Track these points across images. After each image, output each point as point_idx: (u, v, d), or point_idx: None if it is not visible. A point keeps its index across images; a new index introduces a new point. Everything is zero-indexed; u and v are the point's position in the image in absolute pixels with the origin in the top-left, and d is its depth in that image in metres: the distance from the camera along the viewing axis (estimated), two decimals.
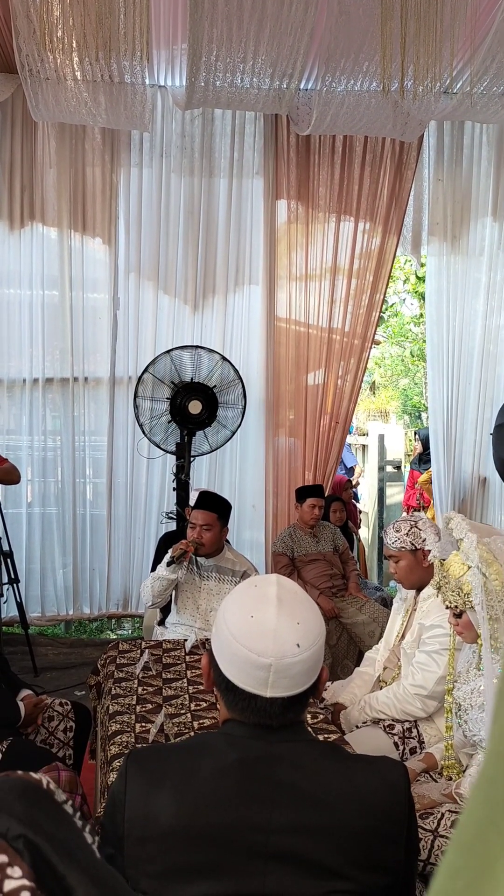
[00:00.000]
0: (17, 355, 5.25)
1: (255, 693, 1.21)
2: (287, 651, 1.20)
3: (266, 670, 1.19)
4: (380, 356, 13.92)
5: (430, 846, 2.03)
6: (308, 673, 1.23)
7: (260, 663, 1.20)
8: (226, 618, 1.26)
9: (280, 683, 1.20)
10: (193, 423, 4.65)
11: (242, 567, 3.56)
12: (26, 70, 4.19)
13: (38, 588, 5.34)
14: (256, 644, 1.20)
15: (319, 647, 1.24)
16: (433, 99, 4.38)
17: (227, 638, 1.23)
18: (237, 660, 1.22)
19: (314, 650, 1.23)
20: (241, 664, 1.21)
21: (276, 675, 1.20)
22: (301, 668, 1.21)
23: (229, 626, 1.24)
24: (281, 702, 1.21)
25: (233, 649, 1.22)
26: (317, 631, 1.25)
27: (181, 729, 2.31)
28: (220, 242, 5.30)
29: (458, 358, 5.57)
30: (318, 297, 5.41)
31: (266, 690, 1.20)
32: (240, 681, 1.22)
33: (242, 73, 4.32)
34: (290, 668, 1.20)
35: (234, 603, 1.27)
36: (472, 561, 1.99)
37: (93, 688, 3.07)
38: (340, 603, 4.52)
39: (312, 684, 1.25)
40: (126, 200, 5.22)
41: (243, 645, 1.21)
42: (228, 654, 1.23)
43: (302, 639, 1.21)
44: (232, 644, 1.22)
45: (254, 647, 1.20)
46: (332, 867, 1.19)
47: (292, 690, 1.22)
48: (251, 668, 1.20)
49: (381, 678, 2.90)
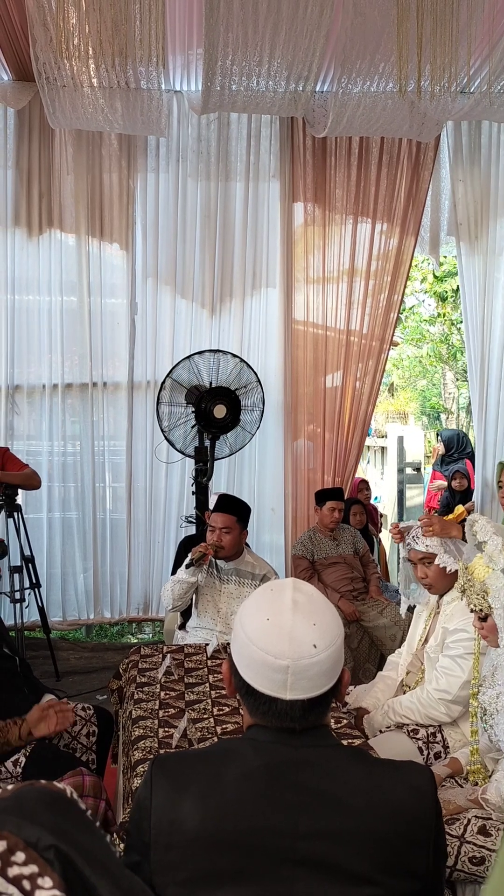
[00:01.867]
0: (36, 361, 5.28)
1: (274, 696, 1.21)
2: (304, 652, 1.20)
3: (284, 672, 1.19)
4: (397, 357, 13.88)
5: (456, 852, 2.01)
6: (327, 674, 1.22)
7: (277, 665, 1.19)
8: (243, 622, 1.26)
9: (299, 685, 1.20)
10: (217, 427, 4.64)
11: (262, 570, 3.55)
12: (43, 78, 4.22)
13: (59, 592, 5.37)
14: (273, 646, 1.20)
15: (337, 647, 1.24)
16: (450, 99, 4.36)
17: (244, 641, 1.23)
18: (254, 663, 1.22)
19: (331, 651, 1.22)
20: (259, 667, 1.21)
21: (294, 677, 1.19)
22: (319, 669, 1.21)
23: (246, 629, 1.24)
24: (301, 704, 1.21)
25: (250, 652, 1.22)
26: (334, 632, 1.24)
27: (204, 734, 2.30)
28: (237, 246, 5.31)
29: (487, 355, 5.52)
30: (335, 300, 5.40)
31: (286, 693, 1.20)
32: (259, 684, 1.22)
33: (258, 76, 4.32)
34: (307, 670, 1.20)
35: (250, 607, 1.28)
36: (496, 564, 1.97)
37: (115, 692, 3.08)
38: (361, 606, 4.50)
39: (333, 686, 1.25)
40: (143, 205, 5.25)
41: (260, 648, 1.21)
42: (246, 658, 1.23)
43: (318, 640, 1.21)
44: (249, 647, 1.22)
45: (270, 650, 1.20)
46: (359, 873, 1.18)
47: (312, 692, 1.21)
48: (269, 671, 1.20)
49: (404, 682, 2.88)
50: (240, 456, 5.28)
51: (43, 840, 0.51)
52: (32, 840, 0.51)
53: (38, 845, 0.51)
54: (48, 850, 0.51)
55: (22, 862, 0.49)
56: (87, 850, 0.52)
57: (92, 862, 0.52)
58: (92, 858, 0.52)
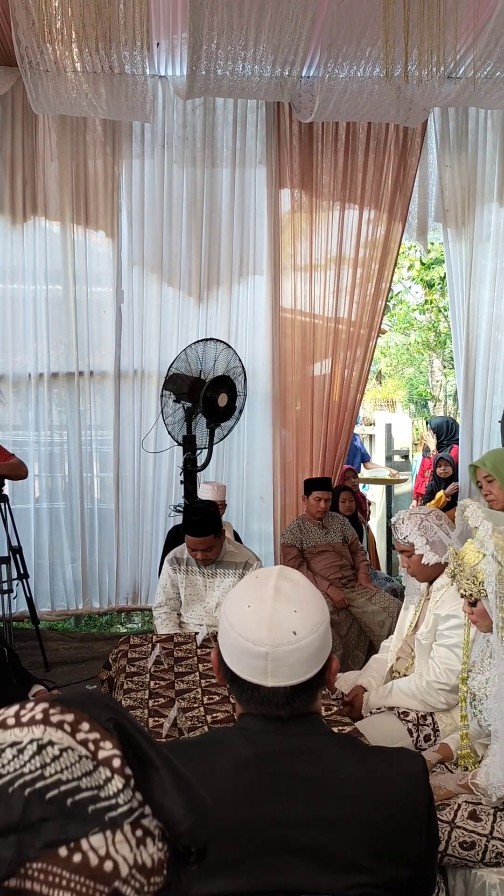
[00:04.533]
0: (21, 350, 5.24)
1: (256, 683, 1.20)
2: (283, 639, 1.18)
3: (263, 659, 1.18)
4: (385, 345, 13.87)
5: (447, 837, 2.01)
6: (309, 661, 1.21)
7: (256, 652, 1.19)
8: (226, 610, 1.26)
9: (280, 672, 1.19)
10: (219, 415, 4.61)
11: (243, 558, 3.56)
12: (26, 62, 4.16)
13: (47, 583, 5.34)
14: (252, 633, 1.19)
15: (320, 634, 1.23)
16: (436, 84, 4.34)
17: (227, 628, 1.23)
18: (236, 650, 1.21)
19: (313, 638, 1.21)
20: (240, 654, 1.21)
21: (274, 664, 1.18)
22: (299, 656, 1.19)
23: (228, 616, 1.24)
24: (284, 691, 1.20)
25: (231, 639, 1.22)
26: (316, 619, 1.23)
27: (194, 723, 2.30)
28: (224, 233, 5.27)
29: (473, 343, 5.52)
30: (323, 287, 5.38)
31: (267, 680, 1.19)
32: (241, 671, 1.21)
33: (244, 60, 4.28)
34: (287, 657, 1.19)
35: (234, 595, 1.27)
36: (487, 549, 1.97)
37: (104, 682, 3.07)
38: (350, 594, 4.51)
39: (318, 673, 1.23)
40: (128, 192, 5.20)
41: (240, 634, 1.20)
42: (228, 645, 1.23)
43: (299, 626, 1.20)
44: (230, 634, 1.22)
45: (249, 636, 1.19)
46: (352, 860, 1.17)
47: (294, 679, 1.20)
48: (249, 658, 1.20)
49: (394, 668, 2.89)
50: (228, 445, 5.27)
51: (103, 714, 0.59)
52: (94, 715, 0.59)
53: (100, 718, 0.59)
54: (108, 721, 0.59)
55: (87, 730, 0.57)
56: (139, 730, 0.60)
57: (144, 737, 0.60)
58: (143, 734, 0.60)
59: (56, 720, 0.58)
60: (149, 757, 0.59)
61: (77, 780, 0.55)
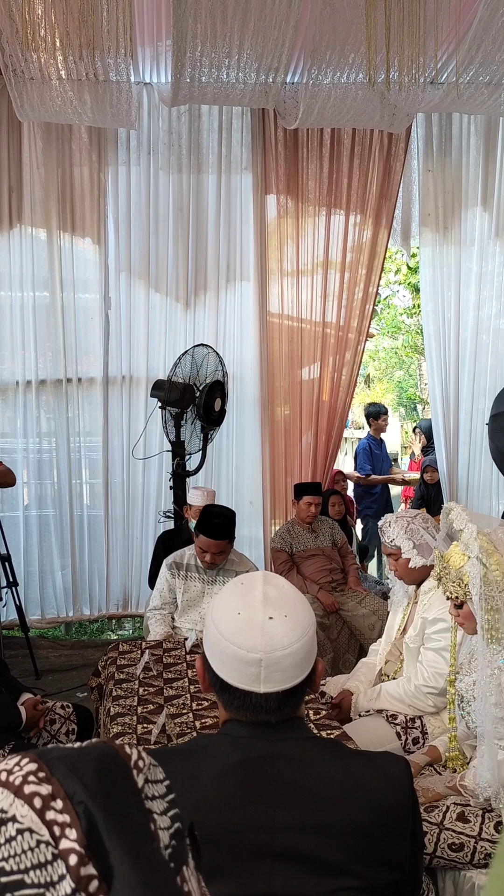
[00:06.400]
0: (9, 357, 5.23)
1: (249, 690, 1.20)
2: (276, 645, 1.19)
3: (257, 666, 1.18)
4: (374, 349, 13.92)
5: (435, 839, 2.02)
6: (300, 665, 1.22)
7: (250, 659, 1.19)
8: (214, 617, 1.25)
9: (273, 678, 1.19)
10: (214, 420, 4.61)
11: (245, 567, 3.56)
12: (10, 70, 4.17)
13: (37, 590, 5.33)
14: (245, 640, 1.19)
15: (309, 638, 1.24)
16: (419, 90, 4.36)
17: (216, 636, 1.23)
18: (227, 658, 1.21)
19: (304, 642, 1.22)
20: (232, 662, 1.20)
21: (267, 670, 1.19)
22: (292, 660, 1.20)
23: (217, 624, 1.23)
24: (276, 696, 1.20)
25: (222, 647, 1.21)
26: (305, 623, 1.23)
27: (183, 729, 2.30)
28: (211, 239, 5.28)
29: (454, 348, 5.55)
30: (310, 292, 5.40)
31: (259, 686, 1.19)
32: (233, 679, 1.21)
33: (228, 67, 4.29)
34: (280, 662, 1.19)
35: (221, 601, 1.27)
36: (472, 551, 1.98)
37: (94, 689, 3.06)
38: (340, 597, 4.52)
39: (307, 677, 1.24)
40: (115, 199, 5.20)
41: (232, 642, 1.20)
42: (219, 653, 1.22)
43: (290, 631, 1.20)
44: (221, 642, 1.21)
45: (242, 644, 1.19)
46: (337, 864, 1.18)
47: (286, 684, 1.21)
48: (241, 665, 1.19)
49: (383, 671, 2.90)
50: (217, 450, 5.27)
51: (77, 795, 0.54)
52: (70, 792, 0.54)
53: (73, 798, 0.54)
54: (79, 805, 0.54)
55: (59, 809, 0.53)
56: (115, 818, 0.55)
57: (115, 830, 0.54)
58: (116, 826, 0.55)
59: (30, 791, 0.54)
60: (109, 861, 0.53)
61: (23, 872, 0.51)
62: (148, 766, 0.62)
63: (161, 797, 0.61)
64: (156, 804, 0.60)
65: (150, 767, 0.62)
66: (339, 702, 2.79)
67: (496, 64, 4.28)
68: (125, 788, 0.58)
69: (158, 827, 0.58)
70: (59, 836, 0.52)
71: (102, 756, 0.59)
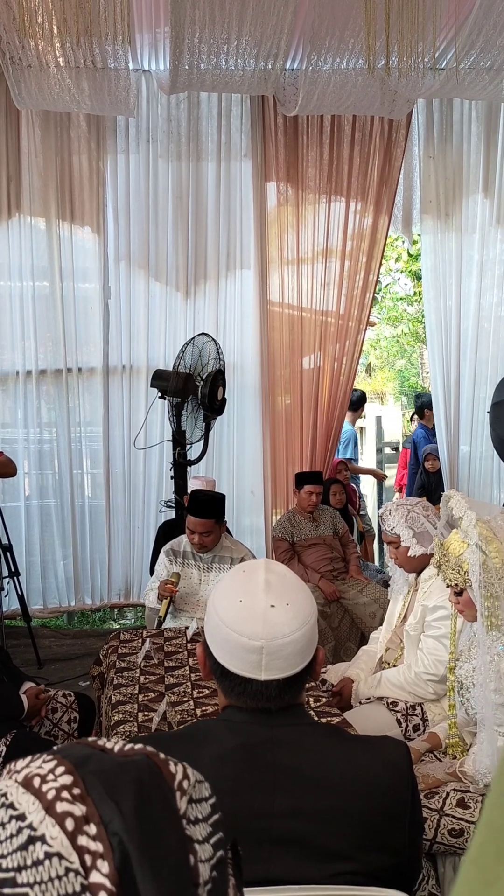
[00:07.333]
0: (9, 348, 5.22)
1: (249, 677, 1.20)
2: (277, 633, 1.19)
3: (258, 653, 1.19)
4: (375, 338, 13.88)
5: (435, 825, 2.03)
6: (301, 653, 1.22)
7: (251, 646, 1.19)
8: (216, 604, 1.25)
9: (274, 665, 1.20)
10: (215, 409, 4.61)
11: (240, 553, 3.56)
12: (7, 58, 4.15)
13: (39, 580, 5.34)
14: (247, 628, 1.19)
15: (311, 626, 1.24)
16: (419, 76, 4.33)
17: (217, 623, 1.23)
18: (228, 645, 1.21)
19: (305, 630, 1.22)
20: (233, 649, 1.20)
21: (268, 658, 1.19)
22: (293, 648, 1.20)
23: (219, 612, 1.23)
24: (276, 684, 1.21)
25: (223, 634, 1.21)
26: (307, 611, 1.24)
27: (184, 717, 2.30)
28: (211, 227, 5.26)
29: (454, 336, 5.54)
30: (310, 280, 5.37)
31: (260, 673, 1.20)
32: (234, 666, 1.21)
33: (227, 54, 4.26)
34: (282, 650, 1.19)
35: (223, 589, 1.27)
36: (471, 539, 1.98)
37: (96, 678, 3.07)
38: (341, 586, 4.52)
39: (308, 665, 1.25)
40: (114, 188, 5.18)
41: (233, 630, 1.20)
42: (220, 640, 1.23)
43: (292, 619, 1.21)
44: (222, 629, 1.21)
45: (244, 631, 1.19)
46: (335, 849, 1.18)
47: (287, 672, 1.21)
48: (243, 653, 1.20)
49: (383, 658, 2.90)
50: (218, 439, 5.27)
51: (112, 825, 0.50)
52: (105, 819, 0.50)
53: (108, 827, 0.50)
54: (114, 836, 0.50)
55: (92, 836, 0.49)
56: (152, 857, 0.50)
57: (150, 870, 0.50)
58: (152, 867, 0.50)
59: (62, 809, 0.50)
60: None
61: None
62: (193, 785, 0.58)
63: (204, 819, 0.58)
64: (198, 829, 0.56)
65: (196, 785, 0.59)
66: (340, 689, 2.80)
67: (497, 49, 4.25)
68: (165, 818, 0.54)
69: (199, 859, 0.54)
70: (90, 866, 0.49)
71: (143, 776, 0.55)
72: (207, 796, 0.60)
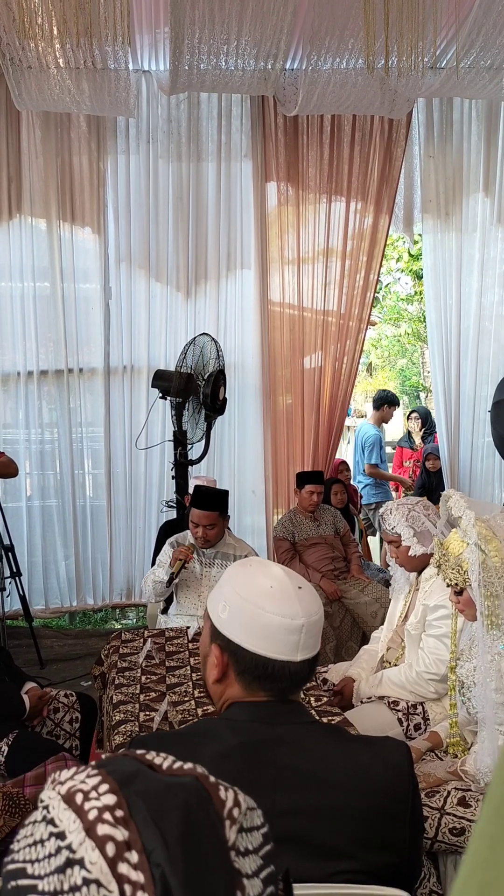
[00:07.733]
0: (10, 348, 5.23)
1: (286, 660, 1.23)
2: (312, 609, 1.25)
3: (298, 632, 1.23)
4: (376, 337, 13.88)
5: (436, 824, 2.03)
6: (319, 634, 1.29)
7: (293, 626, 1.23)
8: (243, 595, 1.26)
9: (308, 644, 1.25)
10: (218, 409, 4.62)
11: (243, 551, 3.56)
12: (7, 59, 4.15)
13: (40, 581, 5.35)
14: (287, 608, 1.23)
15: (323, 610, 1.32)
16: (419, 75, 4.33)
17: (254, 612, 1.24)
18: (268, 630, 1.23)
19: (322, 611, 1.30)
20: (274, 633, 1.23)
21: (306, 636, 1.24)
22: (318, 627, 1.27)
23: (251, 600, 1.25)
24: (308, 663, 1.26)
25: (264, 620, 1.23)
26: (316, 594, 1.32)
27: (185, 716, 2.31)
28: (211, 227, 5.27)
29: (455, 335, 5.54)
30: (311, 280, 5.38)
31: (297, 654, 1.24)
32: (272, 651, 1.23)
33: (226, 54, 4.27)
34: (315, 626, 1.26)
35: (243, 581, 1.28)
36: (470, 538, 1.98)
37: (97, 678, 3.08)
38: (343, 585, 4.53)
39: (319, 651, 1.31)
40: (114, 188, 5.18)
41: (275, 612, 1.23)
42: (258, 628, 1.23)
43: (315, 599, 1.28)
44: (262, 616, 1.23)
45: (286, 612, 1.23)
46: (336, 848, 1.19)
47: (314, 651, 1.27)
48: (284, 634, 1.23)
49: (384, 658, 2.90)
50: (219, 439, 5.27)
51: (156, 855, 0.47)
52: (149, 847, 0.47)
53: (151, 857, 0.47)
54: (156, 867, 0.47)
55: (134, 864, 0.47)
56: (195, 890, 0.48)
57: None
58: None
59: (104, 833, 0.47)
60: None
61: None
62: (244, 813, 0.55)
63: (255, 851, 0.54)
64: (247, 862, 0.53)
65: (247, 813, 0.55)
66: (341, 689, 2.81)
67: (497, 47, 4.25)
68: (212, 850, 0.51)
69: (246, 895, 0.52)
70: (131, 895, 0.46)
71: (191, 801, 0.52)
72: (259, 825, 0.56)
